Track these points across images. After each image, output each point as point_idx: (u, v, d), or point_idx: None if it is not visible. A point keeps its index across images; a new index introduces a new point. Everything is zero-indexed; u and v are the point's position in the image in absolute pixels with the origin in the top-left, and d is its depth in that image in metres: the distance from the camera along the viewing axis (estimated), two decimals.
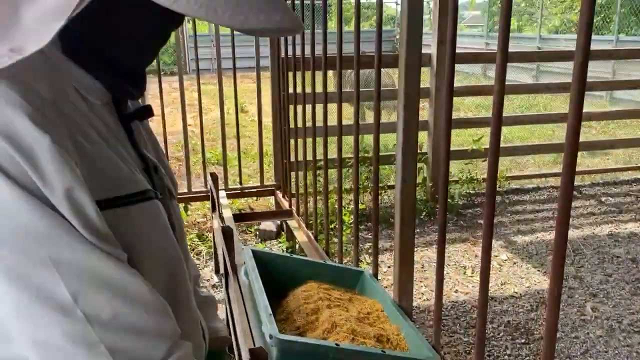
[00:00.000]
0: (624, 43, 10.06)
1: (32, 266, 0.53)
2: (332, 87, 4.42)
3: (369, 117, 6.57)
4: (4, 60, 0.52)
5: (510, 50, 1.25)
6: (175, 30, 0.71)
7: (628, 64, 8.71)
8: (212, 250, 3.51)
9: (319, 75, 2.73)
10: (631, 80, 6.62)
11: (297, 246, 3.59)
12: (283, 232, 3.95)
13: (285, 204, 3.67)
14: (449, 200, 4.46)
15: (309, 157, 3.01)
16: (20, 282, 0.53)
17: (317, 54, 2.79)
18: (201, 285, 1.01)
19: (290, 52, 3.30)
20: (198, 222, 4.18)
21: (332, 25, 11.38)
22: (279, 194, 3.93)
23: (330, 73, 4.07)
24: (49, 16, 0.54)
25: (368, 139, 5.22)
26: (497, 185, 4.94)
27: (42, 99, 0.56)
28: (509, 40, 1.20)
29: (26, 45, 0.53)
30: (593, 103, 9.37)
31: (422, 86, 4.81)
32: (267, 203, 4.59)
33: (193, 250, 3.71)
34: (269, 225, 4.01)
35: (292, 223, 3.34)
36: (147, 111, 0.75)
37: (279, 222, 4.00)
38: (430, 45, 4.37)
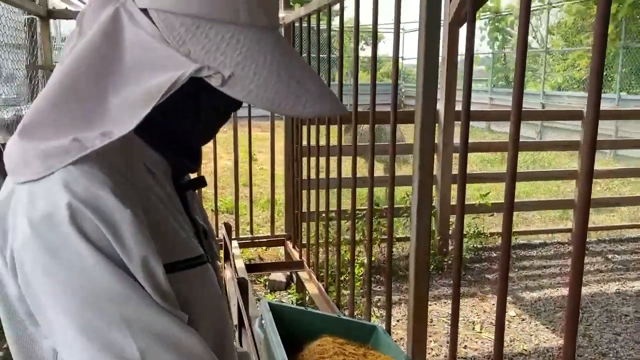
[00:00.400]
0: (626, 102, 10.27)
1: (106, 324, 0.59)
2: (337, 141, 4.53)
3: (378, 170, 6.68)
4: (96, 143, 0.61)
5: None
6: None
7: (631, 122, 8.88)
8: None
9: (331, 128, 2.85)
10: (635, 139, 6.75)
11: (307, 298, 3.62)
12: (292, 283, 3.98)
13: (295, 254, 3.72)
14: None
15: (322, 208, 3.09)
16: (95, 337, 0.59)
17: None
18: None
19: None
20: None
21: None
22: (289, 245, 3.98)
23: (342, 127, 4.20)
24: (135, 105, 0.62)
25: (376, 192, 5.29)
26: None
27: (121, 175, 0.64)
28: (521, 107, 1.30)
29: (114, 129, 0.62)
30: (598, 159, 9.47)
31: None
32: (276, 253, 4.63)
33: None
34: (278, 275, 4.04)
35: (303, 274, 3.38)
36: (201, 182, 0.83)
37: (288, 272, 4.04)
38: (438, 99, 4.52)
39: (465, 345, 3.25)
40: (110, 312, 0.59)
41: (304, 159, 3.58)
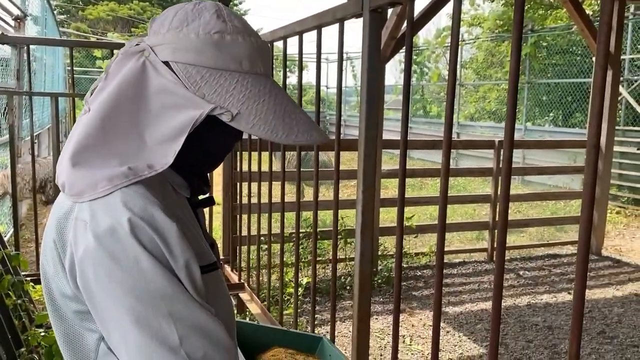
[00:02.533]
0: (531, 132, 11.23)
1: (155, 316, 0.74)
2: (276, 167, 4.73)
3: (307, 194, 6.92)
4: (145, 172, 0.78)
5: (434, 135, 1.61)
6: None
7: (536, 150, 9.73)
8: None
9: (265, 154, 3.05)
10: (541, 167, 7.45)
11: (247, 319, 3.73)
12: (234, 304, 4.07)
13: (234, 277, 3.84)
14: (385, 273, 4.78)
15: (262, 231, 3.25)
16: (146, 327, 0.74)
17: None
18: None
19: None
20: None
21: None
22: (227, 268, 4.09)
23: (275, 154, 4.43)
24: (167, 141, 0.80)
25: (307, 215, 5.50)
26: (427, 260, 5.34)
27: (162, 196, 0.81)
28: (451, 142, 1.56)
29: (156, 163, 0.79)
30: None
31: (351, 167, 5.16)
32: None
33: None
34: None
35: (244, 296, 3.50)
36: (210, 201, 1.00)
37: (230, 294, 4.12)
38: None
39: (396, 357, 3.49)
40: (160, 307, 0.75)
41: (241, 184, 3.74)
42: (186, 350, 0.75)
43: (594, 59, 7.51)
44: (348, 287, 4.59)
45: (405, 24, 4.50)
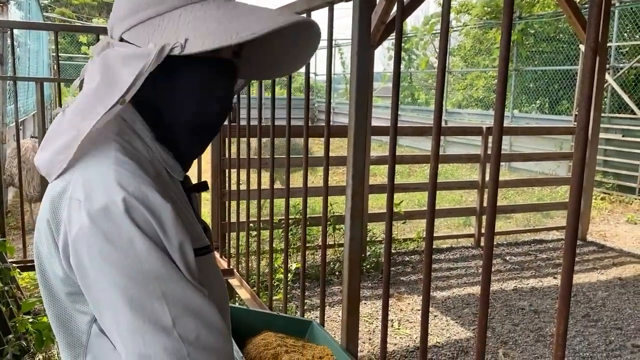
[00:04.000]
0: (517, 119, 11.31)
1: (148, 297, 0.74)
2: (266, 154, 4.73)
3: (296, 181, 6.92)
4: (111, 106, 0.77)
5: (422, 122, 1.60)
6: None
7: (523, 137, 9.80)
8: None
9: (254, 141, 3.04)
10: (527, 153, 7.51)
11: (237, 304, 3.74)
12: None
13: (223, 264, 3.84)
14: (373, 259, 4.81)
15: (252, 218, 3.25)
16: (139, 307, 0.73)
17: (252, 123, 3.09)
18: None
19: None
20: None
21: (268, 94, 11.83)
22: (217, 255, 4.09)
23: (264, 140, 4.40)
24: (123, 84, 0.78)
25: (296, 201, 5.51)
26: (415, 245, 5.38)
27: (157, 177, 0.81)
28: (440, 129, 1.56)
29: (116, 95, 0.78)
30: None
31: (340, 154, 5.13)
32: None
33: None
34: None
35: (234, 281, 3.51)
36: (204, 186, 0.99)
37: None
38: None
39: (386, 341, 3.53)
40: (153, 287, 0.74)
41: (230, 170, 3.74)
42: (179, 332, 0.74)
43: (581, 46, 7.56)
44: (337, 273, 4.62)
45: (394, 9, 4.49)
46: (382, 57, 16.96)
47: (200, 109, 0.85)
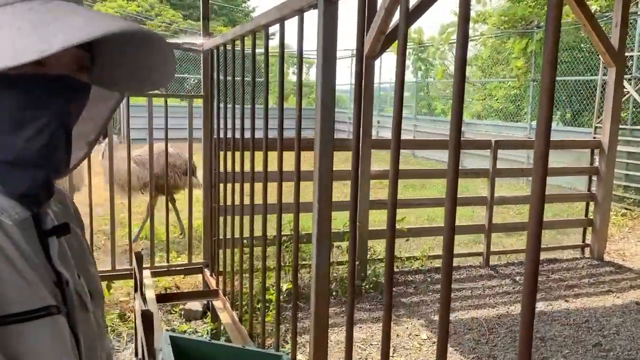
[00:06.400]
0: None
1: None
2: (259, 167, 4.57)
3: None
4: None
5: (436, 133, 1.36)
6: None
7: None
8: (133, 331, 3.43)
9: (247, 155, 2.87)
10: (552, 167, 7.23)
11: (222, 327, 3.57)
12: (209, 312, 3.92)
13: (212, 282, 3.68)
14: (373, 278, 4.60)
15: (237, 235, 3.08)
16: None
17: (246, 136, 2.93)
18: None
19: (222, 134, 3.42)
20: (120, 301, 4.08)
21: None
22: (207, 272, 3.93)
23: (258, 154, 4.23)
24: None
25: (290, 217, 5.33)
26: (419, 264, 5.15)
27: None
28: (459, 144, 1.36)
29: None
30: (512, 184, 10.05)
31: (345, 168, 4.92)
32: (194, 281, 4.55)
33: (114, 331, 3.60)
34: (195, 305, 3.97)
35: (218, 304, 3.34)
36: (63, 229, 0.79)
37: (205, 301, 3.98)
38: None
39: None
40: None
41: (221, 185, 3.57)
42: None
43: (600, 56, 7.27)
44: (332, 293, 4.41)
45: (394, 19, 4.31)
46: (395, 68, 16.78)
47: (11, 140, 0.68)
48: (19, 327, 0.66)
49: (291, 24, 2.23)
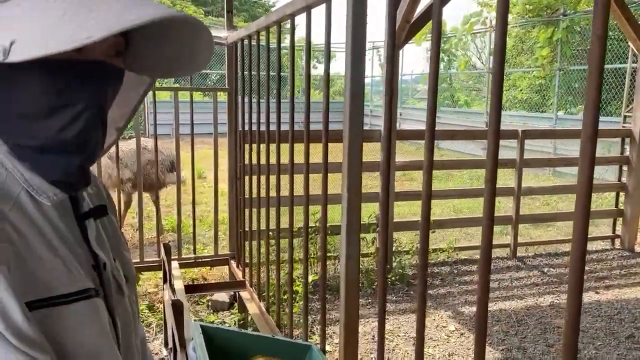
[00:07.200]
0: (562, 121, 10.77)
1: None
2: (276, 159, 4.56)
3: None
4: None
5: (459, 124, 1.33)
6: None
7: (568, 140, 9.30)
8: (162, 322, 3.47)
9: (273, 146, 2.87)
10: (567, 157, 7.09)
11: (249, 318, 3.59)
12: (236, 303, 3.94)
13: (239, 274, 3.70)
14: (400, 270, 4.58)
15: (263, 227, 3.09)
16: None
17: (271, 129, 2.93)
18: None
19: (247, 127, 3.43)
20: (149, 293, 4.13)
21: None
22: (233, 264, 3.95)
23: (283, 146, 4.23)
24: None
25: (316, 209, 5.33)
26: (445, 256, 5.10)
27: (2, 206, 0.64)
28: (499, 132, 1.34)
29: None
30: (538, 175, 9.89)
31: (374, 159, 4.92)
32: (220, 272, 4.59)
33: (143, 322, 3.65)
34: (221, 296, 4.00)
35: (245, 294, 3.36)
36: (100, 210, 0.80)
37: (231, 292, 4.00)
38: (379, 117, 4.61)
39: None
40: None
41: (247, 177, 3.58)
42: None
43: (629, 43, 7.09)
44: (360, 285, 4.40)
45: (419, 8, 4.26)
46: (421, 59, 16.59)
47: (47, 126, 0.67)
48: (59, 309, 0.67)
49: (316, 15, 2.22)
